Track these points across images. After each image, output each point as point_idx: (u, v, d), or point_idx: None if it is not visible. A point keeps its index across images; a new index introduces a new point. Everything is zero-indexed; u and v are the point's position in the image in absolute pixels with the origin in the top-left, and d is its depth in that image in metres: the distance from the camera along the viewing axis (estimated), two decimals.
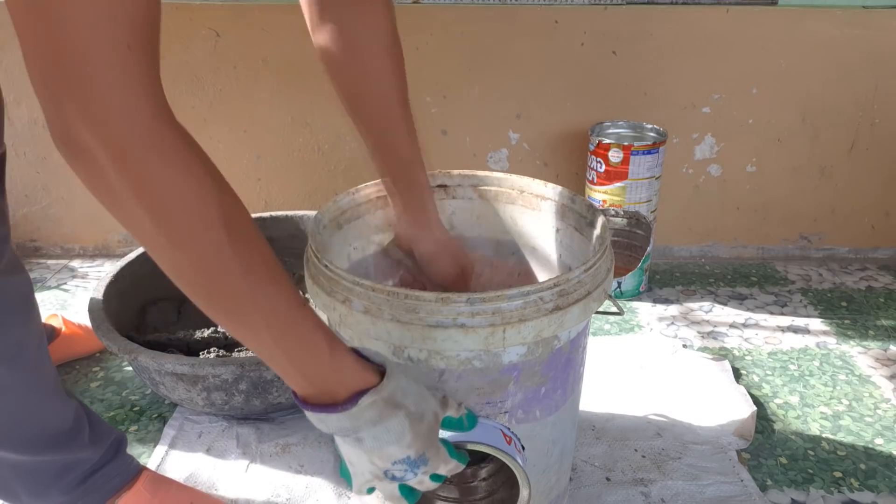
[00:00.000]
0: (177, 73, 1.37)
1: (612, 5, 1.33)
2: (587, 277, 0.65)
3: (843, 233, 1.53)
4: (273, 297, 0.49)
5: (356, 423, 0.55)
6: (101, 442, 0.77)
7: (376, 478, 0.60)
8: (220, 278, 0.47)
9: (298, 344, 0.51)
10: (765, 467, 0.94)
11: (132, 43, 0.40)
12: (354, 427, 0.55)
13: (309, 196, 1.49)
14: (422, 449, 0.58)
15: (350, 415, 0.54)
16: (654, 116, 1.39)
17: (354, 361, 0.55)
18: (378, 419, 0.55)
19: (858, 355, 1.19)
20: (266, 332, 0.50)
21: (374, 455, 0.57)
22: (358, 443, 0.57)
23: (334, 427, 0.55)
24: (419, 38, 1.35)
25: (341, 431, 0.56)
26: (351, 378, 0.54)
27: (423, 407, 0.59)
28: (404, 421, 0.56)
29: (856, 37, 1.34)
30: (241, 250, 0.47)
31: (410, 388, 0.59)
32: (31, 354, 0.69)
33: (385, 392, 0.55)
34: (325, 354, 0.52)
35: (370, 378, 0.55)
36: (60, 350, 1.12)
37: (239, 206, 0.48)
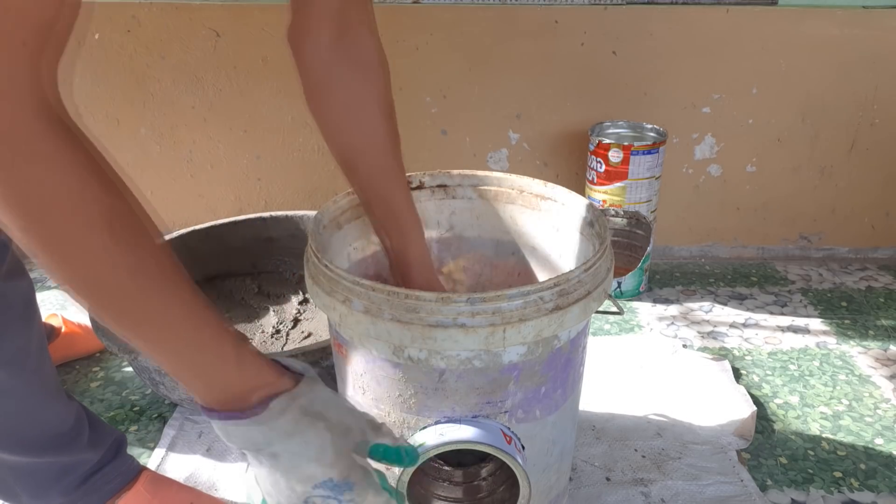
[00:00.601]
0: (177, 73, 1.37)
1: (612, 5, 1.33)
2: (587, 277, 0.65)
3: (843, 233, 1.53)
4: (167, 300, 0.46)
5: (268, 433, 0.50)
6: (102, 443, 0.77)
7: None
8: (104, 281, 0.44)
9: (199, 349, 0.48)
10: (765, 467, 0.94)
11: (27, 40, 0.39)
12: (267, 439, 0.50)
13: (309, 196, 1.49)
14: (347, 471, 0.52)
15: (260, 422, 0.49)
16: (654, 116, 1.39)
17: (265, 365, 0.51)
18: (294, 430, 0.50)
19: (858, 355, 1.19)
20: (160, 338, 0.47)
21: (293, 477, 0.51)
22: (274, 460, 0.51)
23: (243, 439, 0.50)
24: (419, 38, 1.35)
25: (252, 445, 0.51)
26: (260, 383, 0.50)
27: (348, 422, 0.54)
28: (325, 434, 0.51)
29: (856, 37, 1.34)
30: (128, 253, 0.44)
31: (333, 400, 0.54)
32: (33, 358, 0.69)
33: (301, 399, 0.51)
34: (231, 358, 0.49)
35: (284, 383, 0.51)
36: (60, 350, 1.12)
37: (128, 208, 0.44)
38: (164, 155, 1.45)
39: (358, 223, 0.85)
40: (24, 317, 0.69)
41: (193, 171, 1.47)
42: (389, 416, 0.69)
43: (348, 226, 0.84)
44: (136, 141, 1.43)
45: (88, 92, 1.38)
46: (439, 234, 0.91)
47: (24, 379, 0.69)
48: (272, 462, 0.52)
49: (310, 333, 1.15)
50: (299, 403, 0.51)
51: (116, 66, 1.37)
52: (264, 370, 0.51)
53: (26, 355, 0.68)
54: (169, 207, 1.51)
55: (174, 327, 0.47)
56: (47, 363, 0.72)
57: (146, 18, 1.34)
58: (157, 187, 1.49)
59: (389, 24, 1.34)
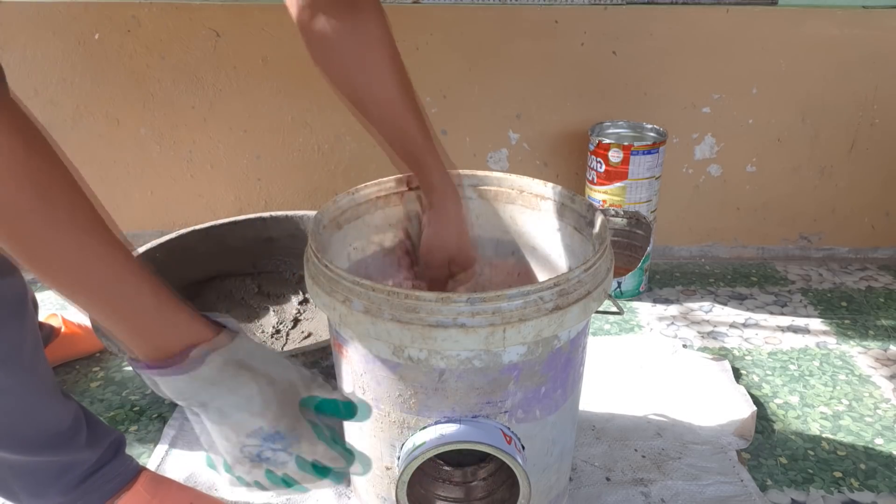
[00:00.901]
0: (177, 73, 1.37)
1: (612, 5, 1.33)
2: (587, 277, 0.65)
3: (843, 233, 1.53)
4: (84, 245, 0.47)
5: (192, 383, 0.50)
6: (100, 443, 0.77)
7: (238, 461, 0.55)
8: (19, 225, 0.45)
9: (119, 298, 0.49)
10: (765, 467, 0.94)
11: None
12: (192, 389, 0.51)
13: (309, 196, 1.49)
14: (276, 420, 0.53)
15: (183, 371, 0.50)
16: (654, 116, 1.39)
17: (190, 315, 0.51)
18: (219, 380, 0.51)
19: (858, 355, 1.19)
20: (77, 285, 0.48)
21: (225, 426, 0.53)
22: (204, 411, 0.52)
23: (171, 390, 0.51)
24: (419, 38, 1.35)
25: (181, 396, 0.51)
26: (185, 332, 0.51)
27: (276, 373, 0.54)
28: (250, 383, 0.52)
29: (856, 37, 1.34)
30: (46, 202, 0.45)
31: (259, 352, 0.54)
32: (27, 355, 0.69)
33: (227, 352, 0.51)
34: (151, 308, 0.49)
35: (208, 334, 0.51)
36: (60, 350, 1.12)
37: (52, 162, 0.46)
38: (164, 155, 1.45)
39: (358, 223, 0.85)
40: (16, 315, 0.69)
41: (193, 171, 1.47)
42: (389, 416, 0.69)
43: (348, 226, 0.84)
44: (136, 141, 1.43)
45: (88, 92, 1.38)
46: None
47: (20, 377, 0.69)
48: (203, 412, 0.53)
49: (310, 333, 1.15)
50: (222, 353, 0.51)
51: (116, 66, 1.37)
52: (189, 320, 0.51)
53: (20, 353, 0.68)
54: (169, 207, 1.51)
55: (90, 275, 0.48)
56: (43, 362, 0.72)
57: (146, 18, 1.34)
58: (157, 187, 1.49)
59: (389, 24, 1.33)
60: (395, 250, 0.90)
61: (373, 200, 0.86)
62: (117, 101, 1.40)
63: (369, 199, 0.86)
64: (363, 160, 1.46)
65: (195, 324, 0.52)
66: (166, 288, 0.51)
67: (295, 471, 0.56)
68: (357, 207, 0.85)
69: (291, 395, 0.55)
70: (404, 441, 0.69)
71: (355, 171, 1.47)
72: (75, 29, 1.34)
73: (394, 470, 0.72)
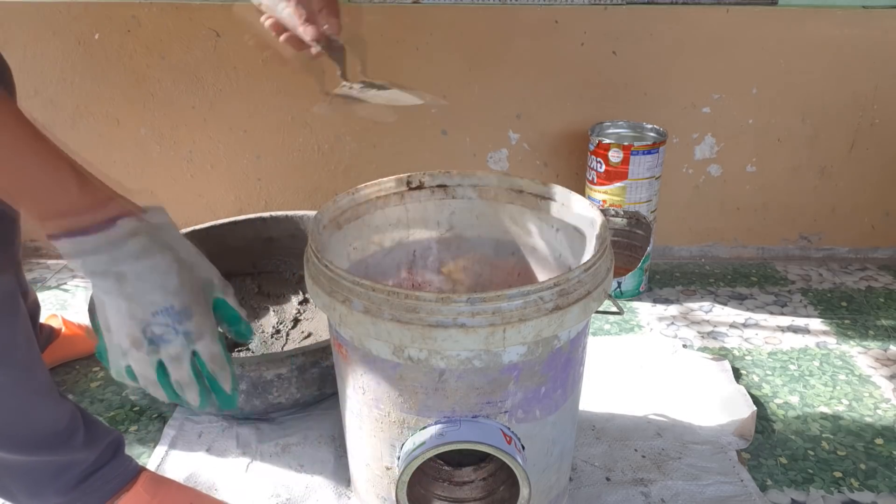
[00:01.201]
0: (177, 73, 1.37)
1: (612, 5, 1.33)
2: (587, 277, 0.65)
3: (843, 233, 1.53)
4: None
5: (114, 252, 0.52)
6: (98, 443, 0.77)
7: (134, 344, 0.55)
8: None
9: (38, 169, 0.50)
10: (765, 467, 0.94)
11: None
12: (114, 258, 0.52)
13: (309, 196, 1.49)
14: (188, 301, 0.54)
15: (108, 238, 0.52)
16: (654, 116, 1.39)
17: (113, 193, 0.53)
18: (142, 253, 0.52)
19: (858, 355, 1.19)
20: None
21: (135, 302, 0.54)
22: (119, 283, 0.53)
23: (93, 260, 0.52)
24: (419, 38, 1.35)
25: (100, 265, 0.52)
26: (109, 206, 0.52)
27: (198, 265, 0.57)
28: (172, 263, 0.53)
29: (856, 37, 1.34)
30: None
31: (183, 240, 0.56)
32: (21, 353, 0.69)
33: (154, 230, 0.53)
34: (72, 178, 0.51)
35: (134, 209, 0.53)
36: (61, 350, 1.12)
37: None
38: (164, 155, 1.45)
39: (358, 223, 0.85)
40: (8, 312, 0.68)
41: (193, 171, 1.47)
42: (389, 416, 0.69)
43: (348, 226, 0.84)
44: (136, 141, 1.43)
45: (88, 92, 1.38)
46: (439, 234, 0.91)
47: (14, 375, 0.68)
48: (118, 285, 0.53)
49: (310, 333, 1.15)
50: (148, 229, 0.53)
51: (116, 66, 1.37)
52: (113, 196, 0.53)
53: (14, 351, 0.68)
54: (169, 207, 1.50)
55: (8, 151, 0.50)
56: (37, 360, 0.72)
57: (146, 18, 1.34)
58: (157, 187, 1.49)
59: (389, 24, 1.34)
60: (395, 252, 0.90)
61: (373, 200, 0.86)
62: (117, 101, 1.40)
63: (369, 199, 0.86)
64: (363, 160, 1.46)
65: (121, 200, 0.54)
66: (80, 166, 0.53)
67: (187, 372, 0.57)
68: (357, 207, 0.85)
69: (207, 290, 0.57)
70: (404, 441, 0.69)
71: (355, 171, 1.47)
72: (75, 29, 1.34)
73: (394, 470, 0.72)
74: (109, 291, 0.54)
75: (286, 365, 0.90)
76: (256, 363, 0.89)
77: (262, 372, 0.90)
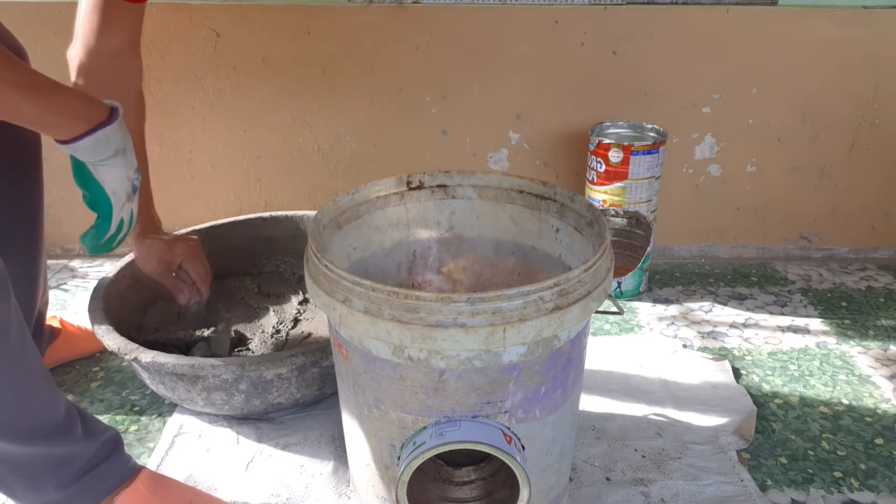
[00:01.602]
0: (177, 73, 1.37)
1: (612, 5, 1.33)
2: (587, 277, 0.65)
3: (843, 233, 1.53)
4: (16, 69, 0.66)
5: (119, 132, 0.75)
6: (95, 437, 0.77)
7: (128, 197, 0.79)
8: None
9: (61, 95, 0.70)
10: (765, 467, 0.94)
11: None
12: (123, 136, 0.76)
13: (309, 196, 1.49)
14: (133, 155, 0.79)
15: (119, 124, 0.74)
16: (654, 116, 1.39)
17: (92, 97, 0.73)
18: (125, 129, 0.76)
19: (858, 355, 1.19)
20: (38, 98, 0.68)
21: (125, 165, 0.77)
22: (123, 156, 0.76)
23: (115, 141, 0.74)
24: (419, 38, 1.35)
25: (116, 145, 0.74)
26: (98, 104, 0.73)
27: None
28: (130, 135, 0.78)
29: (856, 37, 1.34)
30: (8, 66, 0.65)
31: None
32: (14, 336, 0.69)
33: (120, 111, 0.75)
34: (80, 94, 0.73)
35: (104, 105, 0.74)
36: (60, 351, 1.12)
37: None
38: (164, 155, 1.45)
39: (358, 223, 0.85)
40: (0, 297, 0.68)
41: (193, 171, 1.47)
42: (389, 416, 0.69)
43: (348, 226, 0.84)
44: None
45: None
46: (439, 234, 0.91)
47: (9, 359, 0.68)
48: (122, 158, 0.76)
49: (310, 333, 1.15)
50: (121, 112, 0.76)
51: None
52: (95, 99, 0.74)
53: (7, 335, 0.68)
54: (169, 207, 1.51)
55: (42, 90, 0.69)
56: (31, 347, 0.72)
57: (146, 18, 1.33)
58: (157, 187, 1.48)
59: (389, 24, 1.34)
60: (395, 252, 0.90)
61: (373, 200, 0.86)
62: None
63: (369, 199, 0.86)
64: (363, 160, 1.46)
65: (97, 100, 0.74)
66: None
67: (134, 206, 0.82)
68: (357, 207, 0.85)
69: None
70: (404, 441, 0.69)
71: (355, 171, 1.47)
72: None
73: (394, 470, 0.72)
74: (118, 164, 0.76)
75: (286, 365, 0.90)
76: (256, 363, 0.89)
77: (262, 372, 0.90)
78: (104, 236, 0.80)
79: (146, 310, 1.14)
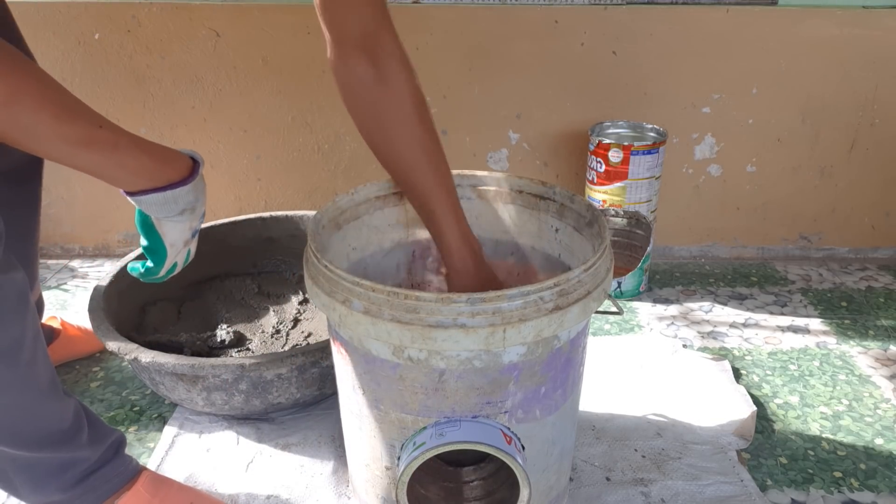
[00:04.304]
0: (177, 73, 1.37)
1: (612, 5, 1.33)
2: (587, 277, 0.65)
3: (843, 233, 1.53)
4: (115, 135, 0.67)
5: (197, 191, 0.75)
6: (101, 442, 0.77)
7: (185, 243, 0.79)
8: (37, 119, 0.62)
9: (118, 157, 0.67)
10: (765, 467, 0.94)
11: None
12: (196, 196, 0.75)
13: (309, 196, 1.49)
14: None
15: (195, 185, 0.74)
16: (654, 116, 1.39)
17: (174, 152, 0.72)
18: (201, 185, 0.76)
19: (858, 355, 1.19)
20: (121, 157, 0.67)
21: (194, 218, 0.77)
22: (192, 213, 0.76)
23: (184, 201, 0.73)
24: (419, 38, 1.35)
25: (188, 204, 0.74)
26: (177, 162, 0.72)
27: None
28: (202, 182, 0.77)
29: (856, 37, 1.34)
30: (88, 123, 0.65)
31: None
32: (27, 352, 0.69)
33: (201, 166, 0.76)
34: (164, 150, 0.71)
35: (188, 158, 0.74)
36: (60, 351, 1.12)
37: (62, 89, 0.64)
38: None
39: (357, 223, 0.85)
40: (17, 310, 0.69)
41: None
42: (389, 416, 0.69)
43: (348, 226, 0.84)
44: None
45: (88, 92, 1.38)
46: None
47: (20, 372, 0.69)
48: (189, 216, 0.76)
49: (310, 333, 1.15)
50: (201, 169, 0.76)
51: (116, 66, 1.37)
52: (175, 154, 0.73)
53: (20, 348, 0.68)
54: None
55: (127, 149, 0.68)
56: (43, 359, 0.72)
57: (146, 18, 1.34)
58: None
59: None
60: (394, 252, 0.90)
61: (372, 200, 0.86)
62: (117, 101, 1.40)
63: (369, 200, 0.86)
64: (363, 160, 1.46)
65: (179, 154, 0.73)
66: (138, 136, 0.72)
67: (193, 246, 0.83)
68: (356, 208, 0.85)
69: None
70: (404, 441, 0.69)
71: (355, 171, 1.47)
72: (75, 29, 1.34)
73: (394, 470, 0.72)
74: (182, 220, 0.76)
75: (286, 365, 0.90)
76: (256, 363, 0.89)
77: (262, 372, 0.90)
78: (154, 276, 0.80)
79: (146, 310, 1.14)
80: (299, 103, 1.41)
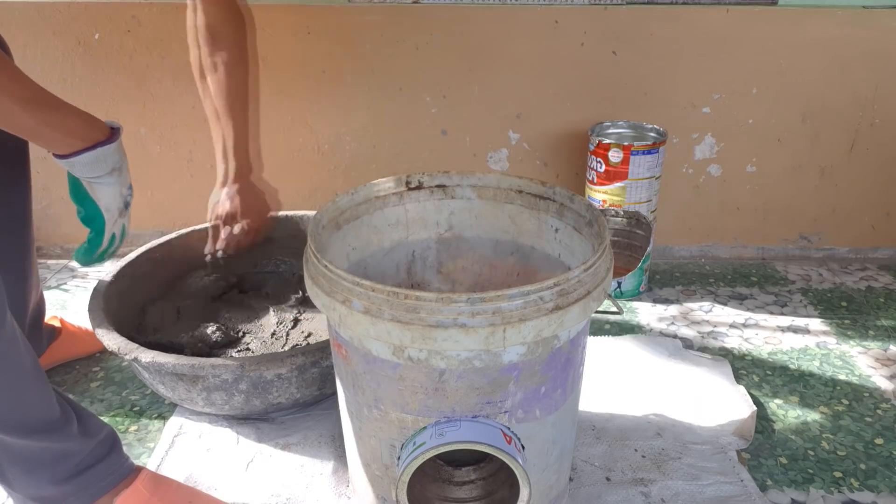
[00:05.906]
0: (177, 73, 1.37)
1: (612, 5, 1.33)
2: (587, 277, 0.65)
3: (843, 233, 1.53)
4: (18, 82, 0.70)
5: (118, 151, 0.80)
6: (91, 435, 0.77)
7: (120, 213, 0.84)
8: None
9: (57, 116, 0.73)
10: (765, 467, 0.94)
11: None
12: (120, 157, 0.81)
13: (309, 196, 1.49)
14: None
15: (118, 143, 0.80)
16: (654, 116, 1.39)
17: (91, 115, 0.77)
18: (124, 151, 0.82)
19: (858, 355, 1.19)
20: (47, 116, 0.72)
21: (124, 184, 0.83)
22: (118, 175, 0.81)
23: (112, 160, 0.79)
24: (419, 38, 1.35)
25: (113, 164, 0.80)
26: (99, 123, 0.78)
27: None
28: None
29: (856, 37, 1.34)
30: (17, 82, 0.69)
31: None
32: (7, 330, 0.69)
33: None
34: (84, 114, 0.76)
35: (105, 125, 0.79)
36: (60, 351, 1.12)
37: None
38: (164, 155, 1.45)
39: (357, 223, 0.85)
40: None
41: (193, 171, 1.47)
42: (389, 416, 0.69)
43: (347, 226, 0.84)
44: (136, 141, 1.43)
45: (88, 92, 1.38)
46: (439, 234, 0.91)
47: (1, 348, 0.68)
48: (117, 177, 0.82)
49: (310, 333, 1.15)
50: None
51: (116, 66, 1.37)
52: (96, 119, 0.78)
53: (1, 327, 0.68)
54: (169, 207, 1.51)
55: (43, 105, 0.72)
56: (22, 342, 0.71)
57: (146, 18, 1.34)
58: (157, 187, 1.49)
59: (389, 24, 1.34)
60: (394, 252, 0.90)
61: (372, 200, 0.86)
62: (117, 101, 1.40)
63: (368, 200, 0.86)
64: (363, 160, 1.46)
65: (97, 119, 0.79)
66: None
67: (126, 221, 0.88)
68: (356, 208, 0.85)
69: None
70: (404, 441, 0.69)
71: (355, 171, 1.47)
72: (75, 29, 1.34)
73: (394, 470, 0.72)
74: (112, 182, 0.81)
75: (286, 365, 0.90)
76: (256, 363, 0.89)
77: (262, 372, 0.90)
78: (97, 251, 0.85)
79: (146, 310, 1.14)
80: (299, 103, 1.41)
